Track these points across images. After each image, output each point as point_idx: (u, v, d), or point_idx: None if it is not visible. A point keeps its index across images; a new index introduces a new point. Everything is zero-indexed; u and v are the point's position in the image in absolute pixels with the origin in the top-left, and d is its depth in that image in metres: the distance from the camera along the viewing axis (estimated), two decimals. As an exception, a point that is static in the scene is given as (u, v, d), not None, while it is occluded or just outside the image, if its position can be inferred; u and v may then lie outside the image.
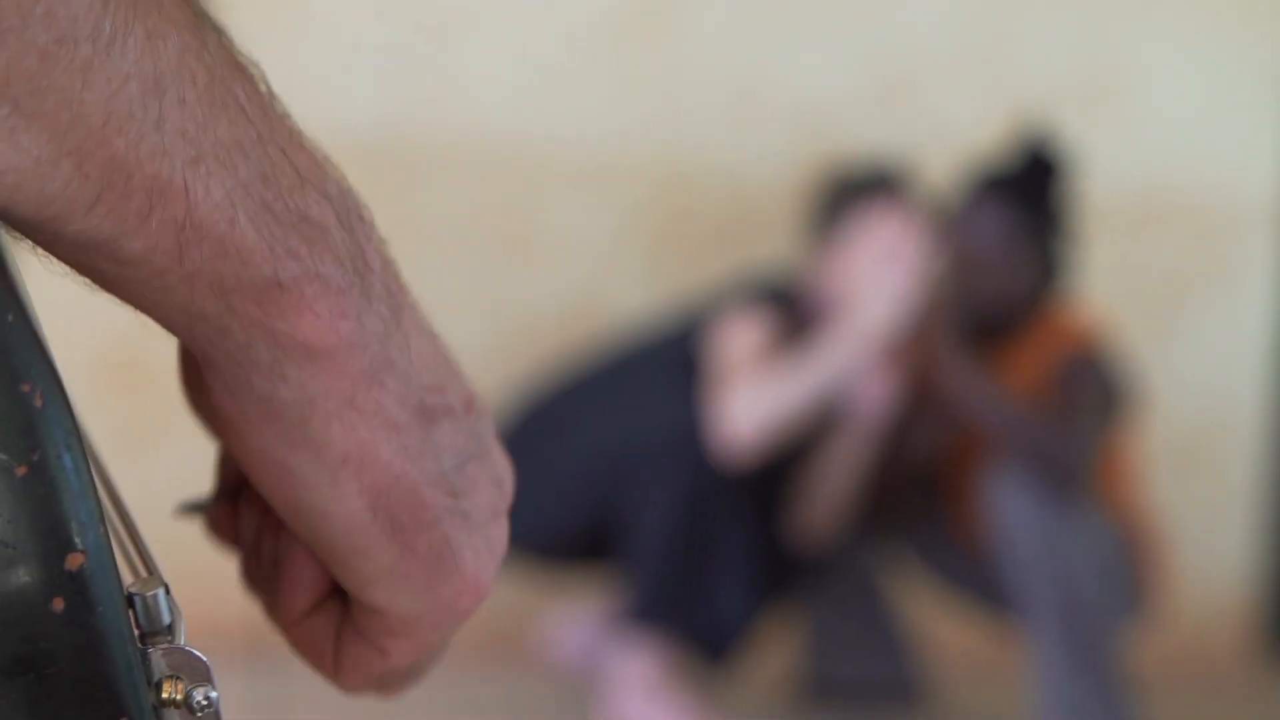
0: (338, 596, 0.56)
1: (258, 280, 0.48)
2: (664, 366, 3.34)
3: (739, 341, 3.22)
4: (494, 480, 0.56)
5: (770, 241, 3.46)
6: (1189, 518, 4.17)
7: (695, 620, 3.23)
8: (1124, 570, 3.25)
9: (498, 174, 3.69)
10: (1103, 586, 3.14)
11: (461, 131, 3.67)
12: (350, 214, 0.51)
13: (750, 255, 3.57)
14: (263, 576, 0.57)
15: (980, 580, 3.38)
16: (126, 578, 0.50)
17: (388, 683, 0.58)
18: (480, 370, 3.63)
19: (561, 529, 3.30)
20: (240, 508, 0.58)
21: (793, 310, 3.32)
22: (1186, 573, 4.06)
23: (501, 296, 3.72)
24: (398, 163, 3.62)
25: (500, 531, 0.55)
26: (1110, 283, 3.89)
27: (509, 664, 3.54)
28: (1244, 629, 4.26)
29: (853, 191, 3.31)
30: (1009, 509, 3.10)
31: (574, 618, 3.58)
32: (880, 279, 3.12)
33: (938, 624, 3.68)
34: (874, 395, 3.23)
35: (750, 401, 3.11)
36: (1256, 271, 4.20)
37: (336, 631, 0.57)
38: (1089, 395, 3.19)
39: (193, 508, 0.60)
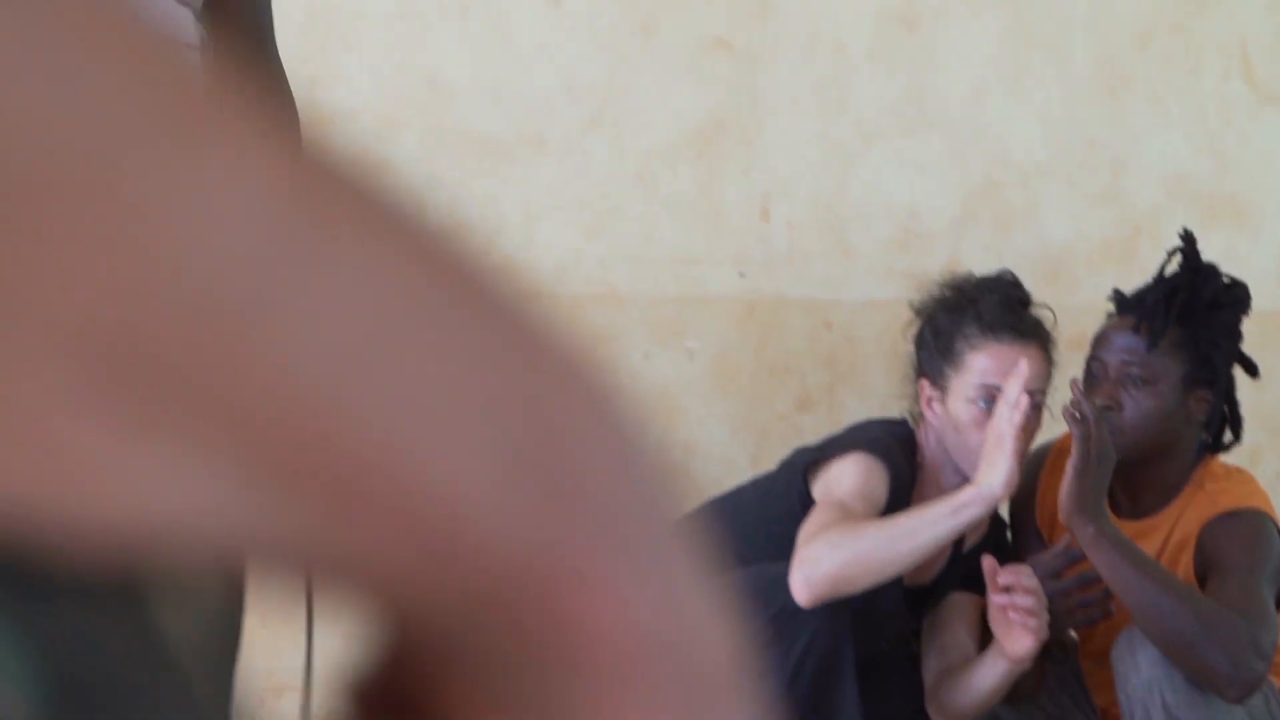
0: None
1: (507, 565, 0.33)
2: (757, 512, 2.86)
3: (853, 483, 2.75)
4: None
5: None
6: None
7: None
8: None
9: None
10: None
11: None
12: (622, 424, 0.33)
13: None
14: None
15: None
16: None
17: None
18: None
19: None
20: None
21: (909, 462, 2.88)
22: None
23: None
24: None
25: None
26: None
27: None
28: None
29: (957, 323, 2.86)
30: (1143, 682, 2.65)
31: None
32: (997, 440, 2.66)
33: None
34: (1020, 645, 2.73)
35: (832, 548, 2.63)
36: None
37: None
38: (1250, 557, 2.72)
39: None
